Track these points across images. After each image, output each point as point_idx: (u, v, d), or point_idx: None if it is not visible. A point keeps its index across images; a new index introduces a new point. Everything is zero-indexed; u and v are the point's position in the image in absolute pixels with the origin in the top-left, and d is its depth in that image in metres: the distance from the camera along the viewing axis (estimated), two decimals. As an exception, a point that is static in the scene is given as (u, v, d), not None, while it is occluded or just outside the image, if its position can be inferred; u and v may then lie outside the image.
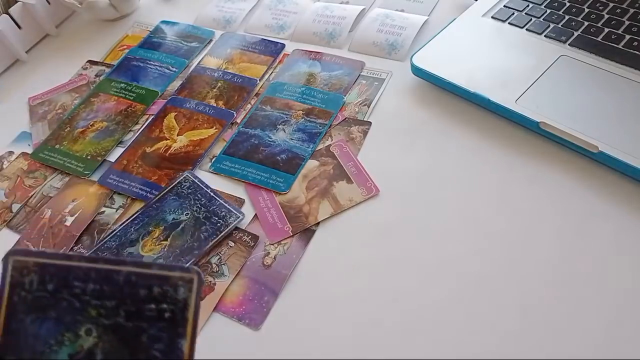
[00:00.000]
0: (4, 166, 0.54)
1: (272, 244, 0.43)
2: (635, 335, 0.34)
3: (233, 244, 0.43)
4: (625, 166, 0.40)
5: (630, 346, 0.34)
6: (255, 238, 0.43)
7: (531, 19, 0.52)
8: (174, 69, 0.60)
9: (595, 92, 0.45)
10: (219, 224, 0.44)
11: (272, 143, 0.50)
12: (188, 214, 0.45)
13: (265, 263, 0.42)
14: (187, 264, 0.42)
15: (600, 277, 0.37)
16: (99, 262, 0.29)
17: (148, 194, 0.48)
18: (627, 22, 0.49)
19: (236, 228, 0.44)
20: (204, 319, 0.40)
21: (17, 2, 0.65)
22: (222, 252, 0.43)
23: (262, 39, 0.61)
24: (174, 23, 0.66)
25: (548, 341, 0.35)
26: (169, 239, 0.44)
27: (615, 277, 0.37)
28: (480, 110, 0.48)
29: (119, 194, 0.49)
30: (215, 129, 0.52)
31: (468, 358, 0.35)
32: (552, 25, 0.51)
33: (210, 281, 0.41)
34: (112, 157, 0.52)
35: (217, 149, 0.51)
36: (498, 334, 0.36)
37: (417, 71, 0.51)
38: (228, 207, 0.45)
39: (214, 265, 0.42)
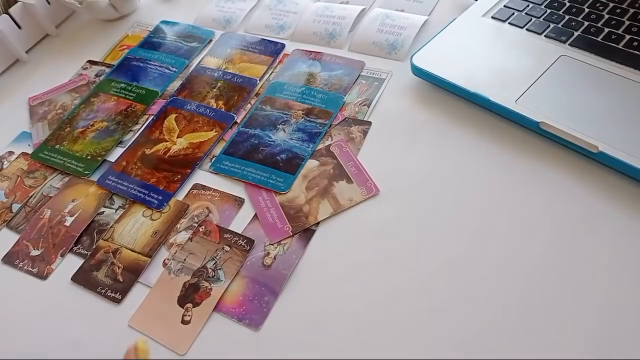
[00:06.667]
0: (4, 166, 0.54)
1: (272, 244, 0.43)
2: (635, 335, 0.34)
3: (229, 248, 0.43)
4: (625, 166, 0.40)
5: (631, 346, 0.34)
6: (250, 242, 0.43)
7: (531, 19, 0.52)
8: (174, 69, 0.60)
9: (596, 92, 0.45)
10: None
11: (272, 143, 0.50)
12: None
13: (265, 263, 0.42)
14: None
15: (601, 276, 0.37)
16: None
17: (146, 197, 0.48)
18: (627, 22, 0.49)
19: (232, 232, 0.44)
20: (202, 322, 0.40)
21: (17, 2, 0.65)
22: (217, 257, 0.43)
23: (262, 39, 0.61)
24: (174, 23, 0.66)
25: (547, 341, 0.35)
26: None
27: (616, 276, 0.37)
28: (480, 110, 0.48)
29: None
30: (215, 131, 0.52)
31: (467, 358, 0.35)
32: (552, 25, 0.51)
33: (207, 286, 0.41)
34: (112, 157, 0.52)
35: (217, 149, 0.51)
36: (497, 334, 0.36)
37: (417, 71, 0.51)
38: None
39: (209, 271, 0.42)
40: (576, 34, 0.49)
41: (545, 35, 0.50)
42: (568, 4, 0.52)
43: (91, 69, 0.63)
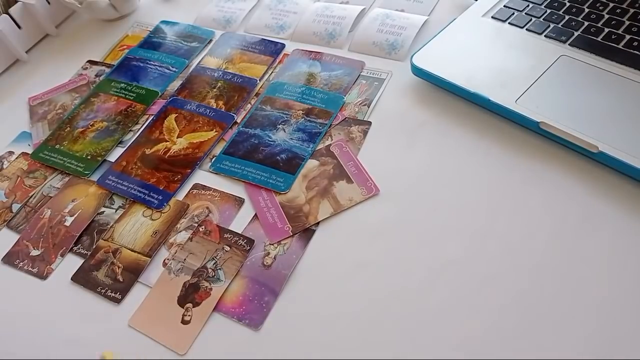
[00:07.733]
0: (4, 166, 0.54)
1: (272, 244, 0.43)
2: (635, 335, 0.34)
3: (229, 248, 0.43)
4: (625, 166, 0.40)
5: (631, 346, 0.34)
6: (250, 242, 0.43)
7: (531, 19, 0.52)
8: (174, 69, 0.60)
9: (595, 92, 0.45)
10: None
11: (272, 143, 0.50)
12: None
13: (265, 263, 0.42)
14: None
15: (601, 276, 0.37)
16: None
17: (146, 197, 0.48)
18: (627, 22, 0.49)
19: (232, 232, 0.44)
20: (202, 322, 0.40)
21: (17, 2, 0.65)
22: (217, 257, 0.43)
23: (262, 39, 0.61)
24: (174, 23, 0.66)
25: (547, 341, 0.35)
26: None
27: (616, 276, 0.37)
28: (480, 110, 0.48)
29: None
30: (215, 131, 0.52)
31: (467, 358, 0.35)
32: (552, 25, 0.51)
33: (207, 286, 0.41)
34: (112, 157, 0.52)
35: (217, 149, 0.51)
36: (498, 334, 0.36)
37: (417, 71, 0.51)
38: None
39: (209, 270, 0.42)
40: (576, 34, 0.49)
41: (545, 35, 0.50)
42: (568, 4, 0.52)
43: (91, 69, 0.63)
